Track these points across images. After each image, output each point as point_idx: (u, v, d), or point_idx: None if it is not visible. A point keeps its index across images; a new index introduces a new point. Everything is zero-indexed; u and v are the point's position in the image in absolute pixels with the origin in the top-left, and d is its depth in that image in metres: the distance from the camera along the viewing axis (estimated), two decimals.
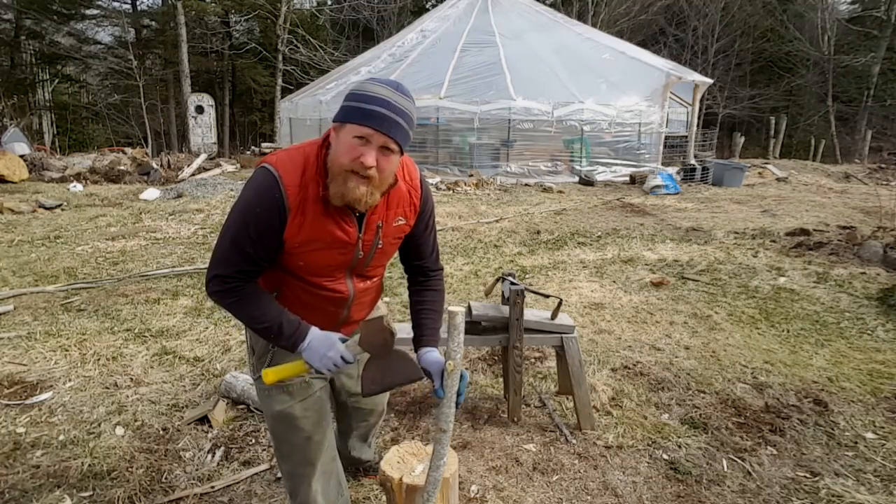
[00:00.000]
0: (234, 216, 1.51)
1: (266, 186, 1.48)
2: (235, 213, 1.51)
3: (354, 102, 1.43)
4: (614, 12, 23.99)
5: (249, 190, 1.51)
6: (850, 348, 3.84)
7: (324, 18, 25.65)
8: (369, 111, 1.41)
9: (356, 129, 1.42)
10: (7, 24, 22.84)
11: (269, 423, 1.78)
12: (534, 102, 11.67)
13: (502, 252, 6.27)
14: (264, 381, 1.58)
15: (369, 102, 1.41)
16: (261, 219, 1.48)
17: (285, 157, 1.51)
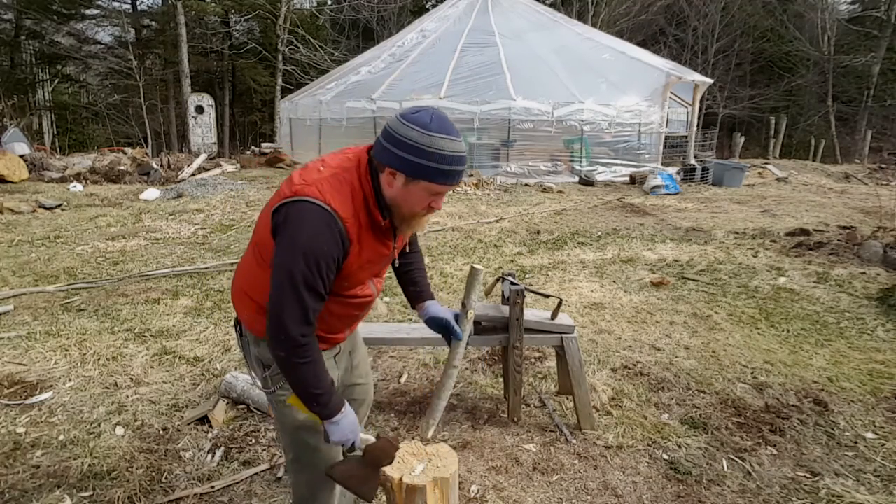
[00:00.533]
0: (297, 261, 1.42)
1: (325, 223, 1.44)
2: (297, 258, 1.42)
3: (432, 163, 1.43)
4: (614, 12, 23.99)
5: (307, 229, 1.43)
6: (850, 348, 3.84)
7: (324, 18, 25.66)
8: (449, 172, 1.45)
9: (434, 187, 1.46)
10: (7, 24, 22.84)
11: (290, 434, 1.75)
12: (534, 102, 11.67)
13: (502, 252, 6.27)
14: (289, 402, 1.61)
15: (448, 163, 1.44)
16: (329, 256, 1.45)
17: (329, 188, 1.47)
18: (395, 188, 1.48)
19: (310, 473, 1.77)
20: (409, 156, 1.42)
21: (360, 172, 1.51)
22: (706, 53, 24.57)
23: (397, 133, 1.44)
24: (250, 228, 7.36)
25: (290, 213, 1.46)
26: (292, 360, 1.48)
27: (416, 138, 1.42)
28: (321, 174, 1.51)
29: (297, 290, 1.44)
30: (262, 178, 11.74)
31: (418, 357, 3.61)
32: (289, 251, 1.44)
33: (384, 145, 1.46)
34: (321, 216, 1.44)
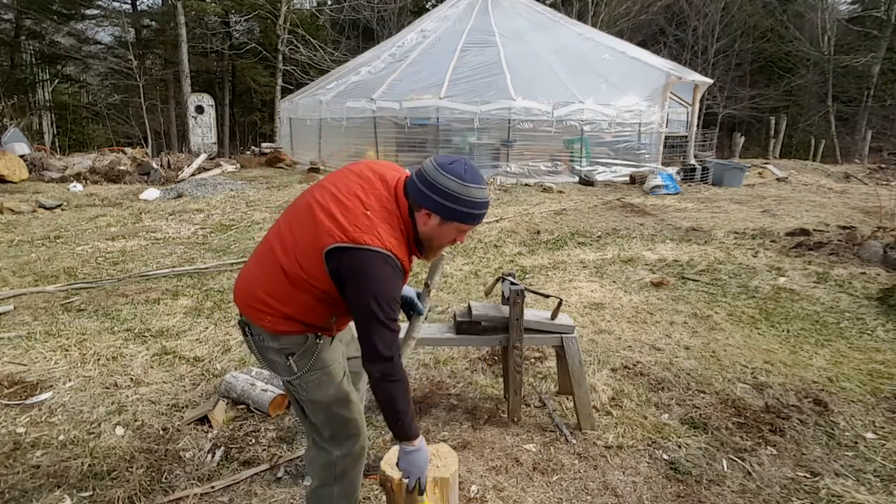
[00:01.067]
0: (379, 304, 1.64)
1: (391, 268, 1.67)
2: (378, 302, 1.63)
3: (465, 208, 1.70)
4: (614, 12, 23.98)
5: (379, 276, 1.65)
6: (850, 348, 3.84)
7: (324, 18, 25.65)
8: (478, 215, 1.74)
9: (463, 227, 1.76)
10: (7, 24, 22.83)
11: (324, 411, 1.88)
12: (534, 102, 11.66)
13: (502, 252, 6.27)
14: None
15: (477, 209, 1.73)
16: (397, 291, 1.71)
17: (387, 235, 1.67)
18: (430, 226, 1.74)
19: (350, 444, 1.92)
20: (446, 202, 1.69)
21: (403, 215, 1.74)
22: (706, 53, 24.57)
23: (436, 182, 1.69)
24: (250, 228, 7.37)
25: (356, 261, 1.64)
26: (387, 380, 1.67)
27: (453, 188, 1.68)
28: (372, 220, 1.68)
29: (382, 324, 1.65)
30: (262, 178, 11.74)
31: (418, 357, 3.61)
32: (367, 296, 1.64)
33: (423, 190, 1.70)
34: (387, 262, 1.66)
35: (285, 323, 1.77)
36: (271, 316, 1.78)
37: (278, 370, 1.86)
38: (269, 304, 1.77)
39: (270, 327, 1.79)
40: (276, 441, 2.75)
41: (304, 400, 1.88)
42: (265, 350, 1.84)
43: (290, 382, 1.86)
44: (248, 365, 3.50)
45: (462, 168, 1.70)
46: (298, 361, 1.80)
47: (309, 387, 1.84)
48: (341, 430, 1.90)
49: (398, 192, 1.75)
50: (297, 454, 2.63)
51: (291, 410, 3.01)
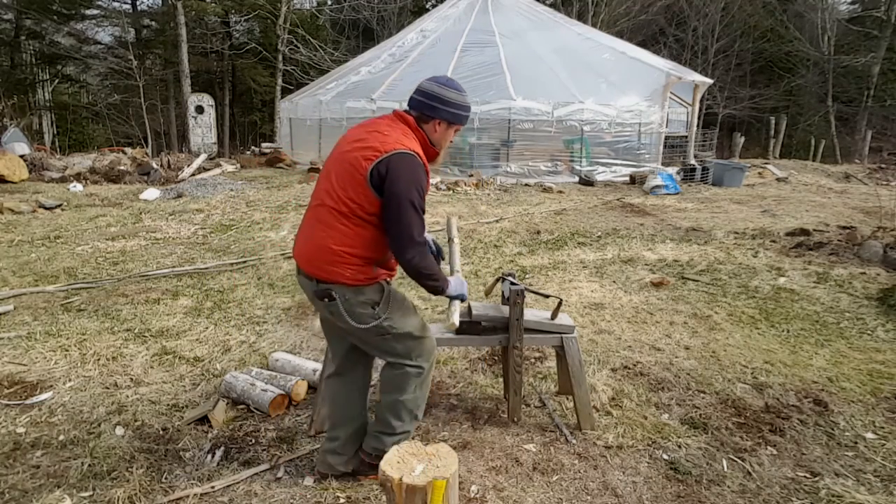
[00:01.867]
0: (411, 193, 2.04)
1: (417, 163, 2.09)
2: (410, 191, 2.04)
3: (464, 111, 2.24)
4: (614, 12, 23.98)
5: (410, 169, 2.06)
6: (850, 348, 3.84)
7: (324, 18, 25.65)
8: (467, 117, 2.28)
9: (459, 127, 2.28)
10: (7, 24, 22.84)
11: (410, 338, 2.26)
12: (534, 102, 11.66)
13: (502, 252, 6.27)
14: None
15: (468, 110, 2.27)
16: (424, 182, 2.11)
17: (408, 141, 2.12)
18: (439, 132, 2.24)
19: (430, 356, 2.34)
20: (453, 110, 2.21)
21: (412, 126, 2.21)
22: (706, 53, 24.57)
23: (442, 96, 2.19)
24: (250, 228, 7.37)
25: (392, 163, 2.04)
26: (418, 256, 2.10)
27: (454, 98, 2.21)
28: (391, 136, 2.11)
29: (415, 210, 2.06)
30: (262, 178, 11.74)
31: None
32: (403, 186, 2.04)
33: (432, 105, 2.19)
34: (414, 159, 2.08)
35: (362, 270, 2.12)
36: (349, 267, 2.10)
37: (367, 319, 2.17)
38: (343, 253, 2.09)
39: (352, 280, 2.12)
40: (276, 441, 2.75)
41: (394, 335, 2.23)
42: (353, 307, 2.15)
43: (378, 327, 2.18)
44: (248, 365, 3.51)
45: (455, 83, 2.24)
46: (383, 306, 2.19)
47: (396, 322, 2.21)
48: (425, 348, 2.31)
49: (402, 116, 2.22)
50: (298, 454, 2.63)
51: (319, 397, 3.01)
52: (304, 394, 3.13)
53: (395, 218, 2.04)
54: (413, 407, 2.33)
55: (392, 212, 2.05)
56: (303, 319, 4.30)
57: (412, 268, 2.11)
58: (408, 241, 2.06)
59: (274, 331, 4.08)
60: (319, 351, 3.70)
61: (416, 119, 2.21)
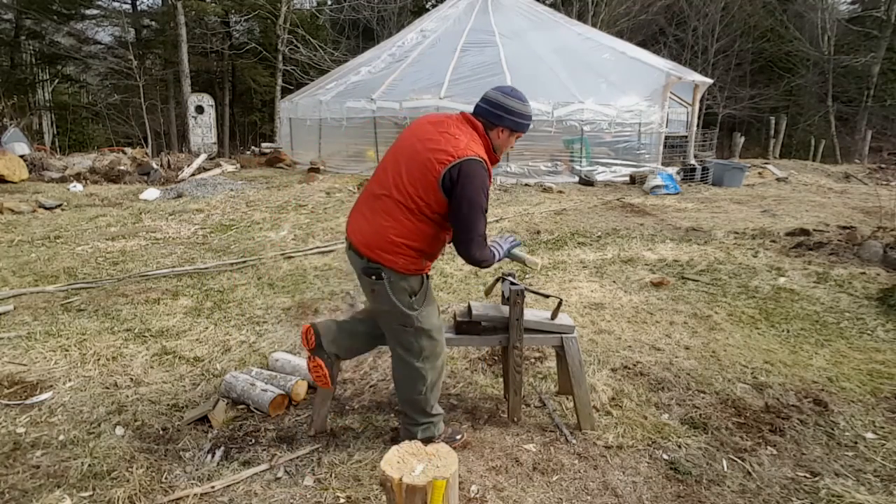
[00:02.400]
0: (479, 198, 2.25)
1: (485, 170, 2.29)
2: (479, 195, 2.25)
3: (526, 121, 2.43)
4: (614, 12, 23.97)
5: (480, 176, 2.25)
6: (850, 348, 3.84)
7: (324, 18, 25.65)
8: (528, 125, 2.46)
9: (520, 134, 2.45)
10: (7, 24, 22.83)
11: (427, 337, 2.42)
12: (534, 102, 11.56)
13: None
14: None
15: (530, 119, 2.46)
16: (488, 188, 2.32)
17: (477, 148, 2.30)
18: (502, 138, 2.42)
19: (435, 361, 2.48)
20: (516, 118, 2.38)
21: (479, 132, 2.37)
22: (706, 53, 24.56)
23: (507, 105, 2.37)
24: (250, 228, 7.37)
25: (464, 169, 2.22)
26: (487, 252, 2.36)
27: (518, 107, 2.39)
28: (462, 141, 2.28)
29: (483, 213, 2.28)
30: (262, 178, 11.73)
31: None
32: (473, 191, 2.23)
33: (498, 113, 2.36)
34: (483, 166, 2.27)
35: (414, 261, 2.32)
36: (404, 256, 2.30)
37: (402, 306, 2.36)
38: (401, 244, 2.28)
39: (403, 268, 2.31)
40: (276, 441, 2.75)
41: (416, 329, 2.39)
42: (396, 289, 2.34)
43: (409, 315, 2.37)
44: (248, 365, 3.51)
45: (519, 93, 2.44)
46: (420, 297, 2.39)
47: (423, 317, 2.39)
48: (433, 350, 2.45)
49: (470, 120, 2.38)
50: (298, 454, 2.63)
51: (319, 396, 3.01)
52: (304, 394, 3.13)
53: (465, 219, 2.26)
54: (425, 405, 2.54)
55: (462, 213, 2.25)
56: (303, 319, 4.30)
57: (475, 261, 2.36)
58: (474, 240, 2.29)
59: (274, 331, 4.08)
60: None
61: (483, 126, 2.37)
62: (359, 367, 3.53)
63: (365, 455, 2.63)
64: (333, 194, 9.73)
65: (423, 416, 2.56)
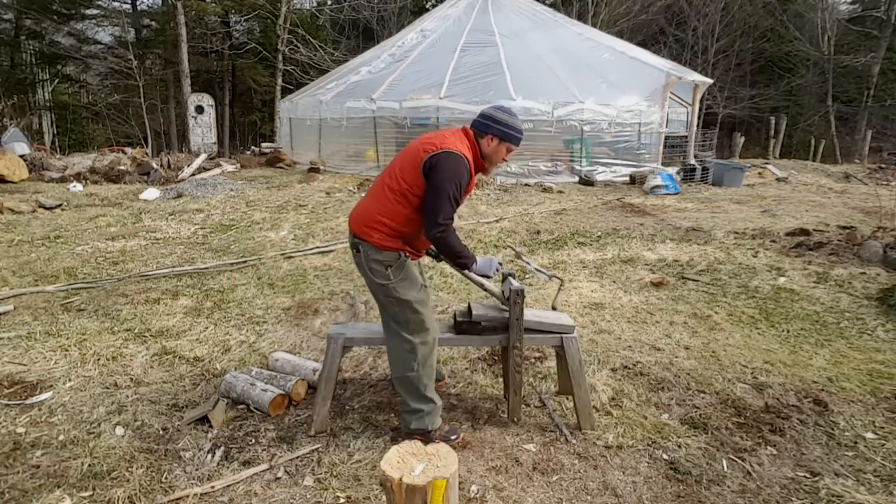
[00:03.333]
0: (448, 184, 2.46)
1: (461, 163, 2.51)
2: (447, 183, 2.46)
3: (514, 132, 2.65)
4: (614, 12, 23.97)
5: (453, 166, 2.48)
6: (850, 348, 3.84)
7: (324, 18, 25.64)
8: (519, 138, 2.68)
9: (511, 146, 2.68)
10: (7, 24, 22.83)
11: (409, 309, 2.61)
12: (534, 102, 11.66)
13: (502, 252, 6.27)
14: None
15: (519, 133, 2.68)
16: (463, 179, 2.51)
17: (460, 145, 2.56)
18: (492, 147, 2.65)
19: (425, 336, 2.64)
20: (504, 128, 2.63)
21: (470, 138, 2.64)
22: (706, 53, 24.56)
23: (495, 116, 2.65)
24: (250, 228, 7.37)
25: (442, 157, 2.49)
26: (445, 235, 2.51)
27: (505, 119, 2.65)
28: (449, 140, 2.56)
29: (448, 199, 2.48)
30: (262, 178, 11.74)
31: None
32: (443, 177, 2.47)
33: (488, 123, 2.63)
34: (460, 161, 2.51)
35: (389, 239, 2.56)
36: (380, 232, 2.56)
37: (378, 277, 2.60)
38: (381, 221, 2.56)
39: (378, 242, 2.56)
40: (276, 441, 2.75)
41: (396, 299, 2.60)
42: (371, 262, 2.59)
43: (386, 286, 2.59)
44: (248, 365, 3.51)
45: (508, 110, 2.73)
46: (394, 271, 2.60)
47: (400, 289, 2.60)
48: (420, 324, 2.63)
49: (466, 130, 2.66)
50: (298, 454, 2.63)
51: (319, 396, 3.01)
52: (304, 394, 3.13)
53: (431, 200, 2.49)
54: (418, 384, 2.65)
55: (429, 195, 2.50)
56: (303, 319, 4.30)
57: (436, 241, 2.53)
58: (435, 220, 2.48)
59: (274, 331, 4.08)
60: (319, 351, 3.70)
61: (475, 133, 2.67)
62: (359, 367, 3.53)
63: (365, 455, 2.63)
64: (333, 194, 9.73)
65: (417, 398, 2.66)
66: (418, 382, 2.64)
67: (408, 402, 2.68)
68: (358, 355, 3.64)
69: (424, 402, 2.67)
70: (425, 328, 2.65)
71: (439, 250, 2.61)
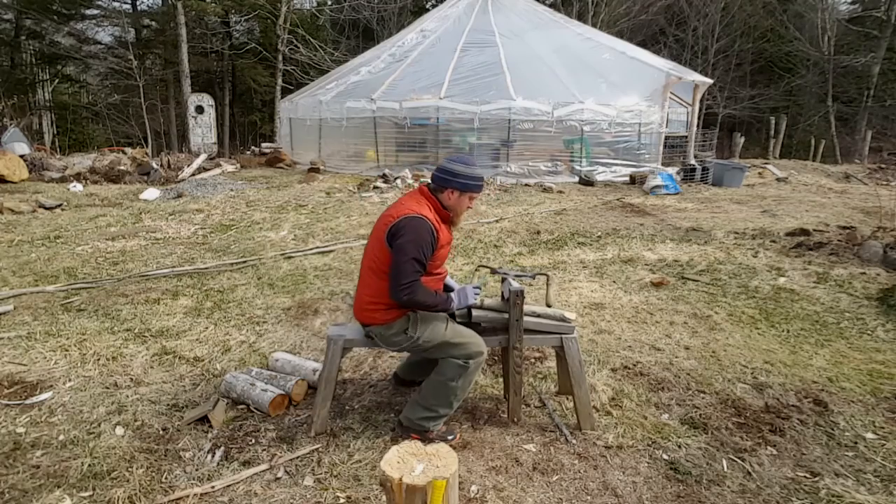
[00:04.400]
0: (408, 246, 2.51)
1: (423, 225, 2.56)
2: (409, 245, 2.51)
3: (472, 181, 2.68)
4: (614, 12, 23.98)
5: (414, 229, 2.53)
6: (850, 348, 3.84)
7: (324, 18, 25.65)
8: (478, 186, 2.71)
9: (474, 195, 2.73)
10: (7, 24, 22.84)
11: (450, 345, 2.65)
12: (534, 102, 11.66)
13: (502, 252, 6.27)
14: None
15: (477, 181, 2.69)
16: (426, 241, 2.55)
17: (419, 208, 2.61)
18: (453, 199, 2.70)
19: (478, 356, 2.69)
20: (460, 179, 2.66)
21: (426, 196, 2.71)
22: (706, 53, 24.57)
23: (452, 169, 2.67)
24: (250, 228, 7.38)
25: (402, 224, 2.55)
26: (411, 293, 2.52)
27: (461, 170, 2.67)
28: (405, 205, 2.63)
29: (408, 261, 2.51)
30: (262, 178, 11.74)
31: None
32: (404, 241, 2.52)
33: (444, 177, 2.67)
34: (421, 222, 2.56)
35: (391, 311, 2.63)
36: (378, 312, 2.64)
37: (405, 343, 2.67)
38: (374, 302, 2.64)
39: (382, 320, 2.65)
40: (276, 441, 2.75)
41: (433, 347, 2.66)
42: (389, 339, 2.68)
43: (416, 343, 2.65)
44: (248, 365, 3.51)
45: (466, 159, 2.75)
46: (411, 330, 2.66)
47: (428, 337, 2.66)
48: (466, 349, 2.66)
49: (422, 189, 2.73)
50: (298, 454, 2.63)
51: (319, 397, 3.01)
52: (304, 394, 3.13)
53: (394, 265, 2.54)
54: (451, 393, 2.70)
55: (393, 260, 2.54)
56: (303, 319, 4.30)
57: (405, 304, 2.56)
58: (398, 283, 2.51)
59: (274, 331, 4.08)
60: (319, 351, 3.70)
61: (431, 189, 2.72)
62: (359, 368, 3.54)
63: (365, 455, 2.63)
64: (333, 194, 9.73)
65: (443, 403, 2.70)
66: (452, 392, 2.68)
67: (429, 399, 2.70)
68: (358, 355, 3.64)
69: (445, 408, 2.71)
70: (473, 351, 2.67)
71: (412, 309, 2.63)
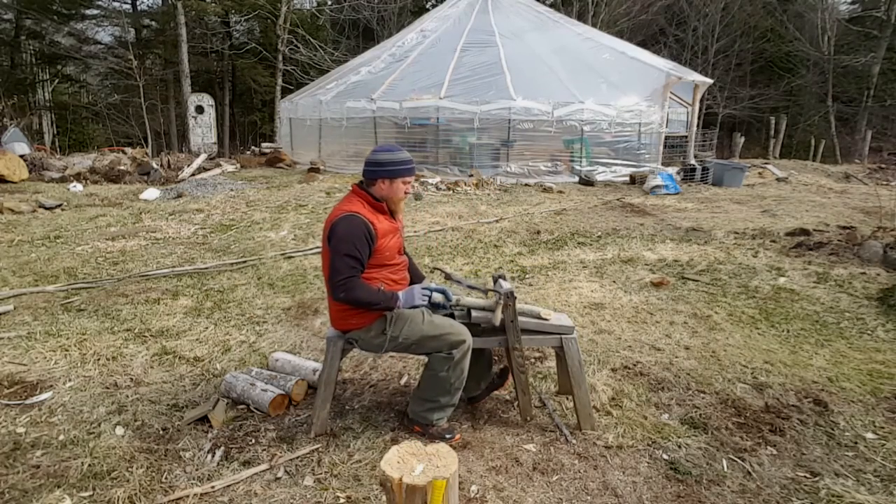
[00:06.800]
0: (340, 245, 2.53)
1: (352, 221, 2.57)
2: (341, 242, 2.53)
3: (400, 166, 2.67)
4: (614, 12, 23.98)
5: (344, 227, 2.55)
6: (850, 348, 3.84)
7: (324, 18, 25.64)
8: (408, 168, 2.70)
9: (406, 179, 2.70)
10: (7, 24, 22.84)
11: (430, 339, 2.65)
12: (534, 102, 11.66)
13: (502, 252, 6.27)
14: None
15: (406, 165, 2.68)
16: (358, 237, 2.55)
17: (350, 206, 2.63)
18: (385, 188, 2.69)
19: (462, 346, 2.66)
20: (386, 167, 2.67)
21: (357, 192, 2.72)
22: (706, 53, 24.57)
23: (376, 159, 2.68)
24: (250, 228, 7.38)
25: (334, 225, 2.58)
26: (347, 290, 2.53)
27: (385, 158, 2.68)
28: (337, 208, 2.66)
29: (342, 259, 2.53)
30: (262, 178, 11.74)
31: (418, 357, 3.61)
32: (336, 241, 2.55)
33: (371, 169, 2.67)
34: (349, 217, 2.58)
35: (363, 315, 2.65)
36: (353, 317, 2.66)
37: (388, 344, 2.67)
38: (342, 308, 2.65)
39: (358, 324, 2.67)
40: (276, 441, 2.75)
41: (415, 343, 2.67)
42: (370, 342, 2.70)
43: (398, 342, 2.66)
44: (248, 365, 3.51)
45: (388, 147, 2.76)
46: (390, 330, 2.66)
47: (406, 334, 2.66)
48: (446, 341, 2.66)
49: (353, 189, 2.73)
50: (298, 454, 2.63)
51: (319, 397, 3.01)
52: (304, 394, 3.13)
53: (329, 265, 2.58)
54: (445, 384, 2.71)
55: (328, 261, 2.58)
56: (303, 319, 4.30)
57: (344, 302, 2.57)
58: (334, 282, 2.54)
59: (274, 331, 4.08)
60: (319, 351, 3.70)
61: (360, 185, 2.74)
62: (359, 367, 3.54)
63: (365, 455, 2.63)
64: (333, 194, 9.73)
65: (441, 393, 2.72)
66: (446, 383, 2.70)
67: (427, 392, 2.74)
68: (358, 356, 3.64)
69: (445, 397, 2.73)
70: (454, 341, 2.67)
71: (352, 307, 2.61)
